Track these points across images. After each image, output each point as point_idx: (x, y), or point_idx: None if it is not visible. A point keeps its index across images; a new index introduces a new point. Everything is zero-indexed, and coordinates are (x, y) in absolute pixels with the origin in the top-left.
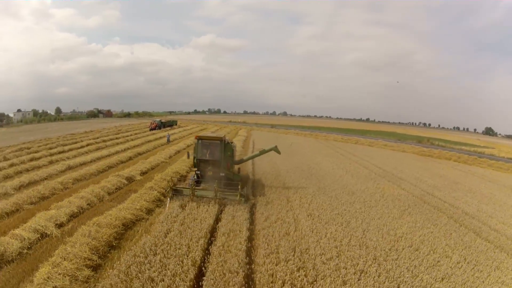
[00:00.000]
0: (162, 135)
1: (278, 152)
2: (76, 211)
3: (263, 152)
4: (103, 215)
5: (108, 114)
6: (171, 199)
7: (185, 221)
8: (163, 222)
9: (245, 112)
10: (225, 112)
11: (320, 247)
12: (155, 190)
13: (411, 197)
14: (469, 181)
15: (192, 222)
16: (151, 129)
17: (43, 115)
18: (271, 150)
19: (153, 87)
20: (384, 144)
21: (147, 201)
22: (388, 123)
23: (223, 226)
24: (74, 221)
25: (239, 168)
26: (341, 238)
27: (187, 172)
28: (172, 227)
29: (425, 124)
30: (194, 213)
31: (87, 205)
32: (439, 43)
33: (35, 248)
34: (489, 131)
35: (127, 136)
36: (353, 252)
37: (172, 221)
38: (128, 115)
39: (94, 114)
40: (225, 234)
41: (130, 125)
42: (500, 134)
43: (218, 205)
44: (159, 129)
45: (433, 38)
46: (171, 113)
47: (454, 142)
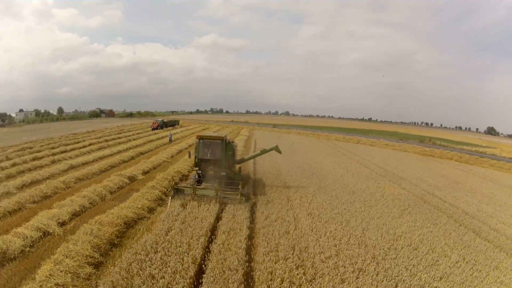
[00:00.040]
0: (164, 135)
1: (279, 152)
2: (78, 209)
3: (264, 151)
4: (105, 214)
5: (110, 114)
6: (172, 198)
7: (186, 220)
8: (164, 221)
9: (248, 112)
10: (227, 112)
11: (320, 245)
12: (156, 189)
13: (411, 197)
14: (470, 181)
15: (193, 220)
16: (153, 129)
17: (45, 115)
18: (272, 149)
19: (155, 87)
20: (386, 144)
21: (148, 200)
22: (390, 122)
23: (224, 225)
24: (76, 220)
25: (240, 167)
26: (340, 237)
27: (188, 171)
28: (173, 225)
29: (427, 124)
30: (195, 212)
31: (89, 204)
32: (439, 43)
33: (37, 246)
34: (491, 131)
35: (129, 135)
36: (352, 250)
37: (173, 220)
38: (130, 115)
39: (96, 114)
40: (226, 232)
41: (132, 125)
42: (502, 134)
43: (219, 204)
44: (161, 128)
45: (434, 38)
46: (173, 113)
47: (456, 141)
